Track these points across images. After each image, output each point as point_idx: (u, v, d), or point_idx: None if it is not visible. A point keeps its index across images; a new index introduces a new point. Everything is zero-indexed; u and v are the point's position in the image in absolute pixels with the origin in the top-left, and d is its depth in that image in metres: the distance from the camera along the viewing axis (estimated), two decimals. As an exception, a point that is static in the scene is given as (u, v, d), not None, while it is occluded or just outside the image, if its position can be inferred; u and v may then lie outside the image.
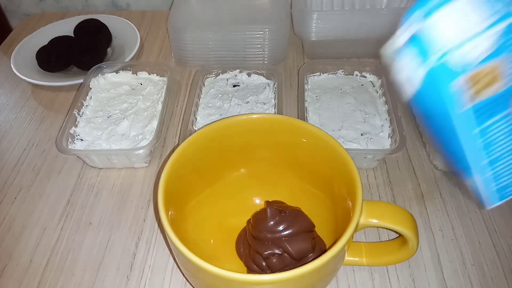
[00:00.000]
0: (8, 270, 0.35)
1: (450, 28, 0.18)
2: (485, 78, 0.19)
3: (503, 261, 0.34)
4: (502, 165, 0.22)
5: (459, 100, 0.19)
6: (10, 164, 0.44)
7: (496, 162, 0.22)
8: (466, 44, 0.18)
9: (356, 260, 0.32)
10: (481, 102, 0.19)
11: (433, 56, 0.18)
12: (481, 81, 0.19)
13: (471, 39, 0.18)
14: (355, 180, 0.27)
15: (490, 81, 0.19)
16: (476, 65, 0.18)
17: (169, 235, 0.25)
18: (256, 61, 0.54)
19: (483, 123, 0.20)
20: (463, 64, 0.18)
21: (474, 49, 0.18)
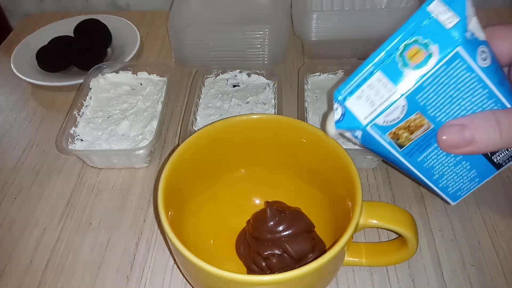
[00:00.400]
0: (8, 271, 0.35)
1: (365, 104, 0.24)
2: (408, 128, 0.24)
3: (502, 262, 0.34)
4: (446, 179, 0.28)
5: (395, 146, 0.25)
6: (10, 164, 0.44)
7: (443, 177, 0.28)
8: (382, 113, 0.23)
9: (355, 260, 0.32)
10: (414, 142, 0.25)
11: (362, 124, 0.24)
12: (407, 130, 0.24)
13: (386, 108, 0.23)
14: (355, 180, 0.27)
15: (414, 129, 0.24)
16: (396, 123, 0.24)
17: (168, 236, 0.25)
18: (256, 61, 0.54)
19: (421, 155, 0.26)
20: (387, 124, 0.24)
21: (391, 114, 0.23)
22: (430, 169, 0.27)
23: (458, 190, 0.29)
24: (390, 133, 0.24)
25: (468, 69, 0.22)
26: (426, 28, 0.22)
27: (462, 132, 0.24)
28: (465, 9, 0.21)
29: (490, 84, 0.23)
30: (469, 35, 0.21)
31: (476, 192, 0.39)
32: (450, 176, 0.28)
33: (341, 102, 0.25)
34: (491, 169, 0.28)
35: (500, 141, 0.23)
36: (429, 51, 0.22)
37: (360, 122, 0.24)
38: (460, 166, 0.27)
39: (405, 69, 0.22)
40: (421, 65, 0.22)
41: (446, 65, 0.22)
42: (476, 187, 0.29)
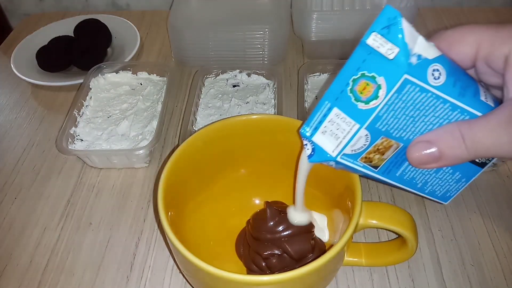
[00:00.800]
0: (8, 270, 0.35)
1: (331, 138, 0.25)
2: (378, 151, 0.25)
3: (502, 262, 0.34)
4: (431, 185, 0.28)
5: (369, 168, 0.26)
6: (10, 164, 0.44)
7: (427, 184, 0.28)
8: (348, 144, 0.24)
9: (355, 260, 0.32)
10: (388, 161, 0.26)
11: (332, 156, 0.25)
12: (377, 153, 0.25)
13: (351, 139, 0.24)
14: (355, 180, 0.27)
15: (384, 150, 0.25)
16: (365, 149, 0.24)
17: (168, 236, 0.25)
18: (256, 61, 0.54)
19: (398, 170, 0.26)
20: (356, 152, 0.24)
21: (357, 143, 0.24)
22: (412, 180, 0.27)
23: (446, 192, 0.29)
24: (361, 158, 0.25)
25: (422, 90, 0.22)
26: (370, 62, 0.22)
27: (428, 149, 0.24)
28: (404, 36, 0.21)
29: (449, 98, 0.23)
30: (415, 59, 0.21)
31: (476, 192, 0.39)
32: (434, 182, 0.28)
33: (309, 138, 0.26)
34: (475, 169, 0.27)
35: (468, 154, 0.23)
36: (377, 84, 0.22)
37: (329, 155, 0.25)
38: (441, 172, 0.27)
39: (358, 103, 0.23)
40: (372, 98, 0.22)
41: (397, 93, 0.22)
42: (464, 186, 0.28)
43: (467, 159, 0.23)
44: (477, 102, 0.23)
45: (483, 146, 0.22)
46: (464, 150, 0.23)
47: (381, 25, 0.21)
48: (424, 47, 0.22)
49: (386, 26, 0.21)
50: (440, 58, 0.22)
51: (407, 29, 0.21)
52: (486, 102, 0.24)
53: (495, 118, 0.22)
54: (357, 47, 0.23)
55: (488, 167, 0.28)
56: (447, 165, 0.24)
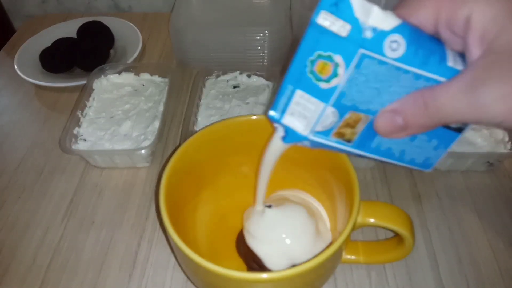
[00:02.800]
0: (12, 269, 0.36)
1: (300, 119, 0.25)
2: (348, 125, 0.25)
3: (499, 260, 0.35)
4: (409, 154, 0.27)
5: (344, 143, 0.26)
6: (13, 164, 0.45)
7: (404, 153, 0.27)
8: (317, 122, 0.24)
9: (353, 258, 0.33)
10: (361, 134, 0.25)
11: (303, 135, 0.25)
12: (348, 127, 0.25)
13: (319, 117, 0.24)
14: (353, 179, 0.28)
15: (354, 124, 0.25)
16: (336, 124, 0.25)
17: (170, 234, 0.26)
18: (256, 63, 0.54)
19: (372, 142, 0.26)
20: (327, 128, 0.25)
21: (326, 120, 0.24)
22: (388, 150, 0.27)
23: (426, 159, 0.28)
24: (333, 134, 0.25)
25: (381, 63, 0.22)
26: (323, 42, 0.22)
27: (393, 118, 0.23)
28: (353, 11, 0.21)
29: (410, 68, 0.22)
30: (370, 33, 0.21)
31: (473, 191, 0.40)
32: (411, 150, 0.27)
33: (278, 121, 0.26)
34: (452, 135, 0.27)
35: (431, 121, 0.22)
36: (334, 62, 0.22)
37: (301, 134, 0.25)
38: (417, 139, 0.27)
39: (320, 83, 0.23)
40: (332, 76, 0.23)
41: (356, 68, 0.22)
42: (444, 152, 0.28)
43: (432, 126, 0.23)
44: (443, 68, 0.23)
45: (445, 113, 0.22)
46: (427, 117, 0.22)
47: (329, 2, 0.21)
48: (380, 18, 0.21)
49: (334, 3, 0.21)
50: (400, 28, 0.22)
51: (357, 3, 0.21)
52: (455, 67, 0.23)
53: (456, 84, 0.21)
54: (308, 27, 0.22)
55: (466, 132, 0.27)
56: (415, 133, 0.24)
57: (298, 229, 0.30)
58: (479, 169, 0.41)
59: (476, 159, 0.40)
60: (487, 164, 0.41)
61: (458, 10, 0.21)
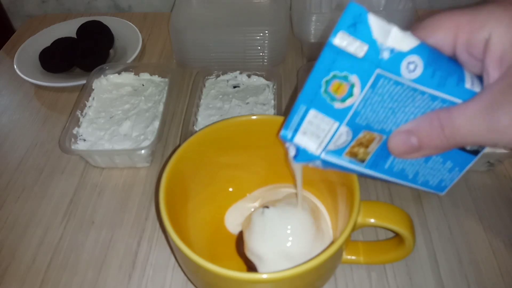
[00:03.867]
0: (12, 269, 0.36)
1: (313, 138, 0.25)
2: (362, 144, 0.25)
3: (499, 260, 0.35)
4: (423, 175, 0.27)
5: (356, 163, 0.26)
6: (13, 164, 0.45)
7: (418, 175, 0.27)
8: (330, 142, 0.24)
9: (354, 258, 0.33)
10: (374, 154, 0.25)
11: (315, 155, 0.25)
12: (361, 146, 0.25)
13: (332, 137, 0.24)
14: (353, 180, 0.28)
15: (368, 143, 0.25)
16: (348, 144, 0.24)
17: (170, 234, 0.26)
18: (256, 63, 0.54)
19: (386, 163, 0.26)
20: (339, 148, 0.25)
21: (339, 140, 0.24)
22: (402, 172, 0.27)
23: (440, 182, 0.28)
24: (346, 154, 0.25)
25: (397, 83, 0.22)
26: (340, 62, 0.22)
27: (408, 139, 0.23)
28: (371, 33, 0.20)
29: (427, 89, 0.22)
30: (387, 54, 0.21)
31: (473, 191, 0.40)
32: (425, 172, 0.27)
33: (290, 140, 0.25)
34: (467, 157, 0.26)
35: (447, 143, 0.22)
36: (350, 82, 0.22)
37: (313, 154, 0.25)
38: (431, 161, 0.26)
39: (334, 103, 0.23)
40: (347, 96, 0.22)
41: (372, 88, 0.22)
42: (459, 175, 0.27)
43: (448, 148, 0.23)
44: (460, 90, 0.22)
45: (461, 135, 0.21)
46: (443, 138, 0.22)
47: (347, 23, 0.21)
48: (399, 39, 0.21)
49: (352, 24, 0.21)
50: (418, 48, 0.21)
51: (376, 24, 0.21)
52: (472, 89, 0.22)
53: (473, 106, 0.21)
54: (324, 48, 0.22)
55: (481, 154, 0.27)
56: (429, 155, 0.24)
57: (298, 229, 0.30)
58: (480, 169, 0.41)
59: (476, 159, 0.39)
60: (488, 164, 0.41)
61: (477, 32, 0.21)
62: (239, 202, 0.37)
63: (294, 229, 0.30)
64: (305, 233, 0.30)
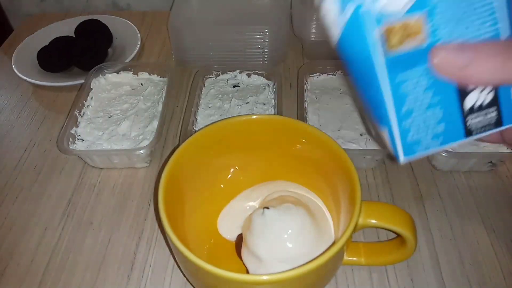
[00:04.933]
0: (10, 270, 0.35)
1: None
2: (405, 31, 0.21)
3: (501, 261, 0.34)
4: (412, 120, 0.24)
5: (380, 49, 0.21)
6: (11, 164, 0.44)
7: (410, 115, 0.24)
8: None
9: (355, 260, 0.32)
10: (401, 54, 0.21)
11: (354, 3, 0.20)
12: (401, 33, 0.21)
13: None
14: (354, 180, 0.28)
15: (408, 36, 0.21)
16: (395, 17, 0.20)
17: (169, 235, 0.25)
18: (256, 62, 0.54)
19: (401, 73, 0.22)
20: (383, 15, 0.20)
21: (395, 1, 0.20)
22: (403, 97, 0.23)
23: (416, 142, 0.25)
24: (383, 28, 0.21)
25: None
26: None
27: (460, 50, 0.21)
28: None
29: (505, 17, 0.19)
30: None
31: (475, 192, 0.39)
32: (417, 117, 0.24)
33: None
34: (460, 132, 0.24)
35: (502, 70, 0.20)
36: None
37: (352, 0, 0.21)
38: (432, 110, 0.24)
39: None
40: None
41: None
42: (434, 148, 0.25)
43: (498, 76, 0.20)
44: None
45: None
46: (500, 62, 0.20)
47: None
48: None
49: None
50: None
51: None
52: None
53: None
54: None
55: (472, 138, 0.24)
56: (471, 80, 0.21)
57: (299, 230, 0.30)
58: (482, 170, 0.41)
59: (478, 159, 0.39)
60: (490, 165, 0.40)
61: None
62: (230, 204, 0.36)
63: (295, 230, 0.30)
64: (306, 234, 0.30)
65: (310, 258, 0.25)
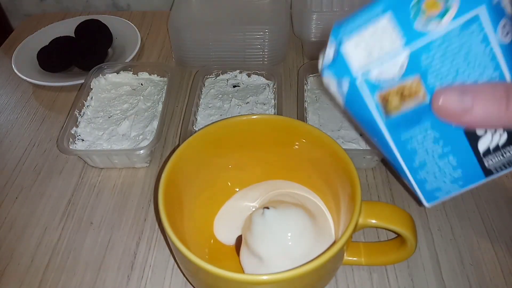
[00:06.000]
0: (10, 270, 0.35)
1: (363, 53, 0.21)
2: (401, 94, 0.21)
3: (501, 261, 0.34)
4: (427, 171, 0.25)
5: (380, 114, 0.23)
6: (11, 164, 0.44)
7: (423, 167, 0.25)
8: (380, 66, 0.21)
9: (355, 260, 0.32)
10: (403, 114, 0.22)
11: (353, 74, 0.22)
12: (399, 96, 0.21)
13: (385, 61, 0.20)
14: (354, 180, 0.28)
15: (407, 96, 0.21)
16: (390, 83, 0.21)
17: (169, 235, 0.25)
18: (256, 62, 0.54)
19: (406, 132, 0.23)
20: (378, 84, 0.21)
21: (388, 70, 0.21)
22: (412, 153, 0.24)
23: (436, 189, 0.25)
24: (380, 95, 0.22)
25: (484, 39, 0.19)
26: None
27: (462, 95, 0.20)
28: None
29: (503, 64, 0.19)
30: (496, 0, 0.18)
31: (475, 192, 0.39)
32: (432, 168, 0.24)
33: (337, 43, 0.22)
34: (479, 174, 0.24)
35: (505, 114, 0.19)
36: (447, 5, 0.19)
37: (351, 71, 0.21)
38: (445, 160, 0.24)
39: (417, 21, 0.19)
40: (435, 19, 0.19)
41: (461, 28, 0.19)
42: (457, 191, 0.25)
43: (502, 121, 0.20)
44: None
45: None
46: (503, 107, 0.19)
47: None
48: None
49: None
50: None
51: None
52: None
53: None
54: None
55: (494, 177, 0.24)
56: (473, 123, 0.21)
57: (299, 230, 0.30)
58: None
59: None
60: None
61: None
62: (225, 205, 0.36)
63: (295, 230, 0.30)
64: (306, 234, 0.30)
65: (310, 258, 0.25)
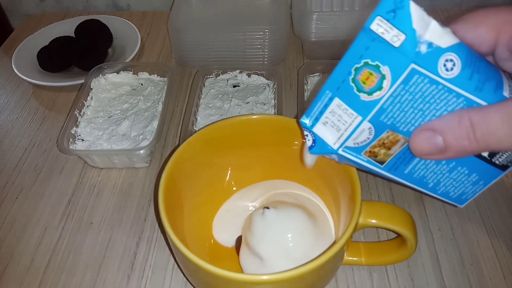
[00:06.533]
0: (10, 270, 0.35)
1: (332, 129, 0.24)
2: (384, 145, 0.23)
3: (501, 261, 0.34)
4: (444, 185, 0.26)
5: (375, 163, 0.25)
6: (11, 164, 0.44)
7: (439, 184, 0.26)
8: (349, 137, 0.23)
9: (355, 259, 0.32)
10: (395, 156, 0.24)
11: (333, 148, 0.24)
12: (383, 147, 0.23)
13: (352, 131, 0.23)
14: (354, 180, 0.28)
15: (390, 145, 0.23)
16: (369, 142, 0.23)
17: (169, 235, 0.25)
18: (256, 62, 0.54)
19: (407, 167, 0.25)
20: (359, 145, 0.24)
21: (360, 136, 0.23)
22: (422, 178, 0.25)
23: (461, 194, 0.26)
24: (365, 152, 0.24)
25: (432, 82, 0.20)
26: (373, 50, 0.20)
27: (433, 138, 0.21)
28: (411, 22, 0.19)
29: (463, 92, 0.20)
30: (425, 48, 0.19)
31: (475, 192, 0.39)
32: (448, 182, 0.25)
33: (309, 129, 0.24)
34: (495, 172, 0.25)
35: (477, 146, 0.20)
36: (381, 74, 0.20)
37: (331, 147, 0.24)
38: (456, 172, 0.25)
39: (361, 94, 0.21)
40: (376, 88, 0.21)
41: (403, 84, 0.20)
42: (483, 189, 0.26)
43: (476, 151, 0.21)
44: (498, 98, 0.21)
45: (495, 138, 0.19)
46: (473, 141, 0.20)
47: (386, 9, 0.19)
48: (438, 34, 0.19)
49: (392, 10, 0.19)
50: (457, 47, 0.20)
51: (417, 14, 0.19)
52: (511, 97, 0.21)
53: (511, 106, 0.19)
54: (360, 32, 0.20)
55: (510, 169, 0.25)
56: (454, 157, 0.22)
57: (299, 229, 0.30)
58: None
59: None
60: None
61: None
62: (224, 205, 0.36)
63: (295, 230, 0.30)
64: (306, 234, 0.30)
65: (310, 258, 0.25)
